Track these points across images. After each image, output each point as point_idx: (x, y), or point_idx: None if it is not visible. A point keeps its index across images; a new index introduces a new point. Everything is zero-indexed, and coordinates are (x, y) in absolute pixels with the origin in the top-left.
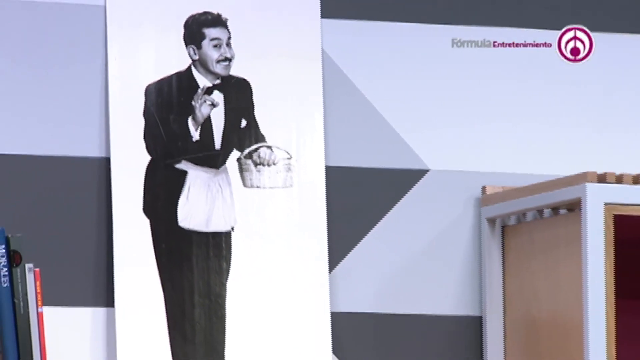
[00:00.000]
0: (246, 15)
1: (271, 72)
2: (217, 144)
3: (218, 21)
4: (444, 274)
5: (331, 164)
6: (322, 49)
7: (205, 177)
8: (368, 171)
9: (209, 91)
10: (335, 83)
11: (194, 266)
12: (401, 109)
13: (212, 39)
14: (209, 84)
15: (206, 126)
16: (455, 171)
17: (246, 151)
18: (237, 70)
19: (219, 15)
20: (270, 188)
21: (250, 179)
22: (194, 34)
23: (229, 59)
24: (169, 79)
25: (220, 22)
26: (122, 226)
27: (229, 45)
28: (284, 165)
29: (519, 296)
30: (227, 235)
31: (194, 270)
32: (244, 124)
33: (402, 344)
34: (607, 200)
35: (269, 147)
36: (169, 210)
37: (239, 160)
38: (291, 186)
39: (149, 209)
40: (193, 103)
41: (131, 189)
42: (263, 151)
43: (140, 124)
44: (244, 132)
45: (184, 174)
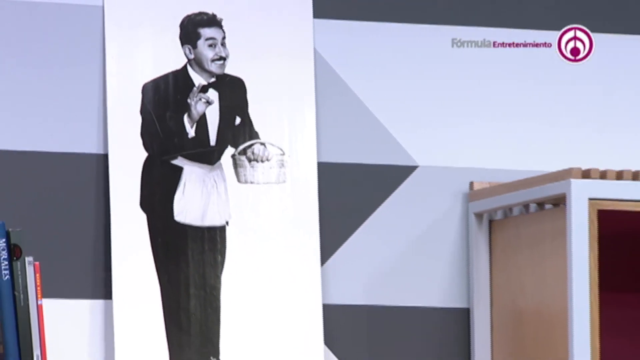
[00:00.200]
0: (240, 16)
1: (265, 71)
2: (212, 140)
3: (213, 21)
4: (433, 267)
5: (323, 160)
6: (314, 48)
7: (201, 172)
8: (359, 167)
9: (204, 89)
10: (327, 82)
11: (189, 259)
12: (391, 107)
13: (207, 39)
14: (204, 83)
15: (201, 123)
16: (443, 167)
17: (240, 148)
18: (231, 69)
19: (214, 16)
20: (263, 183)
21: (245, 175)
22: (189, 33)
23: (224, 58)
24: (165, 77)
25: (215, 22)
26: (120, 220)
27: (223, 44)
28: (277, 161)
29: (505, 289)
30: (221, 230)
31: (189, 263)
32: (238, 121)
33: (392, 335)
34: (591, 196)
35: (262, 144)
36: (165, 205)
37: (233, 156)
38: (284, 182)
39: (145, 204)
40: (189, 101)
41: (128, 185)
42: (257, 148)
43: (138, 121)
44: (238, 129)
45: (179, 169)
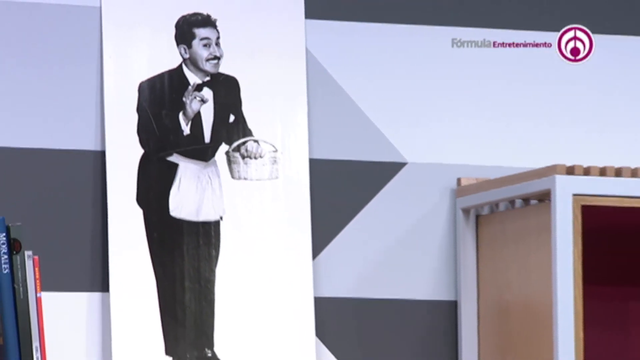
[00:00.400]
0: (234, 16)
1: (258, 70)
2: (207, 138)
3: (207, 21)
4: (421, 261)
5: (314, 156)
6: (306, 48)
7: (196, 169)
8: (349, 164)
9: (199, 88)
10: (319, 80)
11: (184, 253)
12: (381, 106)
13: (202, 39)
14: (199, 81)
15: (196, 121)
16: (431, 164)
17: (234, 145)
18: (225, 68)
19: (208, 16)
20: (257, 180)
21: (238, 171)
22: (184, 33)
23: (218, 58)
24: (161, 76)
25: (210, 23)
26: (117, 216)
27: (218, 44)
28: (269, 158)
29: (492, 282)
30: (216, 224)
31: (184, 257)
32: (232, 119)
33: (382, 327)
34: (575, 192)
35: (255, 141)
36: (161, 200)
37: (227, 153)
38: (277, 178)
39: (142, 200)
40: (184, 99)
41: (125, 181)
42: (250, 145)
43: (134, 119)
44: (232, 127)
45: (175, 166)
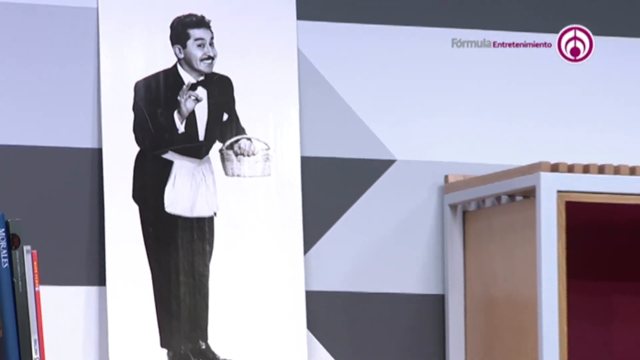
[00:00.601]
0: (228, 17)
1: (251, 69)
2: (201, 136)
3: (202, 22)
4: (410, 255)
5: (306, 154)
6: (297, 48)
7: (190, 166)
8: (340, 161)
9: (193, 87)
10: (310, 80)
11: (179, 248)
12: (371, 105)
13: (196, 39)
14: (194, 81)
15: (191, 119)
16: (420, 161)
17: (228, 142)
18: (219, 68)
19: (202, 17)
20: (249, 177)
21: (232, 168)
22: (179, 34)
23: (212, 58)
24: (156, 75)
25: (204, 24)
26: (113, 211)
27: (212, 44)
28: (262, 155)
29: (478, 276)
30: (210, 220)
31: (179, 252)
32: (225, 117)
33: (371, 319)
34: (559, 188)
35: (248, 139)
36: (156, 196)
37: (221, 151)
38: (269, 175)
39: (138, 196)
40: (179, 98)
41: (121, 178)
42: (243, 142)
43: (130, 117)
44: (225, 125)
45: (170, 163)
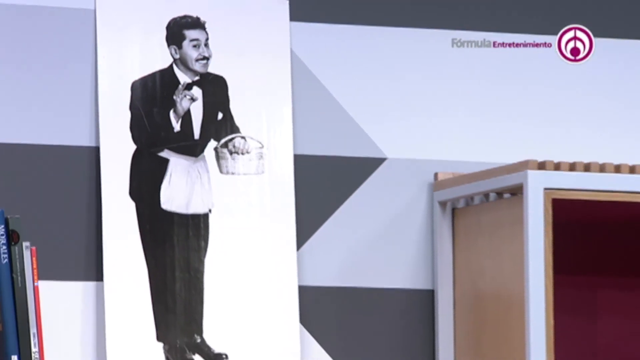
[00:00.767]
0: (222, 19)
1: (245, 69)
2: (196, 134)
3: (197, 23)
4: (400, 251)
5: (299, 152)
6: (290, 49)
7: (186, 164)
8: (332, 159)
9: (188, 87)
10: (303, 80)
11: (175, 244)
12: (362, 104)
13: (191, 40)
14: (189, 80)
15: (186, 118)
16: (410, 159)
17: (222, 141)
18: (214, 68)
19: (197, 18)
20: (244, 174)
21: (226, 166)
22: (175, 35)
23: (207, 58)
24: (152, 75)
25: (199, 25)
26: (110, 208)
27: (207, 45)
28: (256, 153)
29: (467, 272)
30: (205, 217)
31: (175, 248)
32: (220, 116)
33: (362, 314)
34: (546, 186)
35: (243, 137)
36: (152, 194)
37: (215, 149)
38: (263, 172)
39: (134, 193)
40: (174, 97)
41: (118, 175)
42: (237, 141)
43: (127, 116)
44: (220, 124)
45: (166, 161)
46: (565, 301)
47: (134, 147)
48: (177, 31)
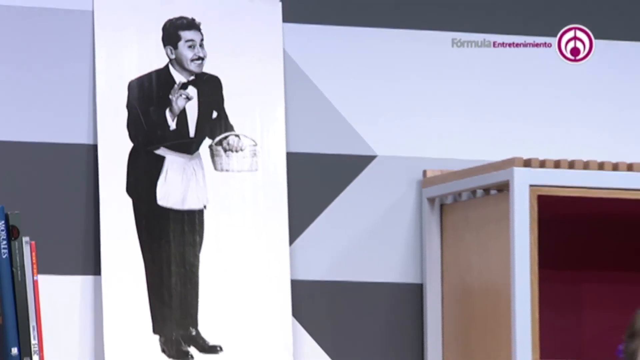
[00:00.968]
0: (217, 20)
1: (239, 69)
2: (192, 132)
3: (192, 25)
4: (390, 246)
5: (291, 150)
6: (283, 49)
7: (181, 161)
8: (324, 157)
9: (184, 86)
10: (295, 79)
11: (171, 240)
12: (353, 103)
13: (187, 41)
14: (184, 80)
15: (182, 117)
16: (400, 157)
17: (217, 139)
18: (209, 68)
19: (193, 20)
20: (238, 171)
21: (221, 163)
22: (171, 36)
23: (202, 58)
24: (149, 75)
25: (194, 26)
26: (108, 204)
27: (202, 46)
28: (249, 151)
29: (455, 266)
30: (200, 213)
31: (171, 243)
32: (215, 115)
33: (353, 307)
34: (531, 183)
35: (237, 136)
36: (149, 190)
37: (210, 147)
38: (256, 170)
39: (131, 190)
40: (170, 97)
41: (116, 172)
42: (232, 139)
43: (124, 115)
44: (215, 122)
45: (162, 159)
46: (550, 295)
47: (130, 145)
48: (173, 32)
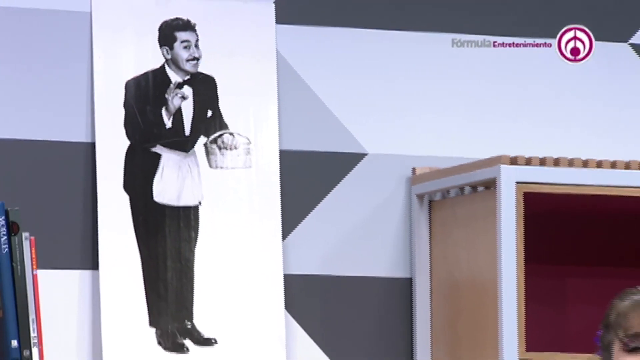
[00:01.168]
0: (212, 21)
1: (233, 69)
2: (187, 131)
3: (188, 26)
4: (380, 241)
5: (284, 148)
6: (276, 50)
7: (177, 159)
8: (316, 154)
9: (180, 86)
10: (288, 79)
11: (167, 235)
12: (344, 102)
13: (182, 41)
14: (180, 80)
15: (177, 116)
16: (389, 154)
17: (212, 137)
18: (204, 68)
19: (188, 21)
20: (232, 168)
21: (215, 161)
22: (167, 36)
23: (197, 59)
24: (145, 75)
25: (190, 27)
26: (106, 201)
27: (197, 46)
28: (244, 149)
29: (443, 261)
30: (195, 209)
31: (166, 238)
32: (209, 114)
33: (345, 300)
34: (518, 180)
35: (231, 134)
36: (145, 187)
37: (205, 144)
38: (250, 167)
39: (128, 186)
40: (166, 96)
41: (113, 169)
42: (226, 137)
43: (121, 113)
44: (209, 121)
45: (158, 156)
46: (536, 289)
47: (127, 142)
48: (169, 33)
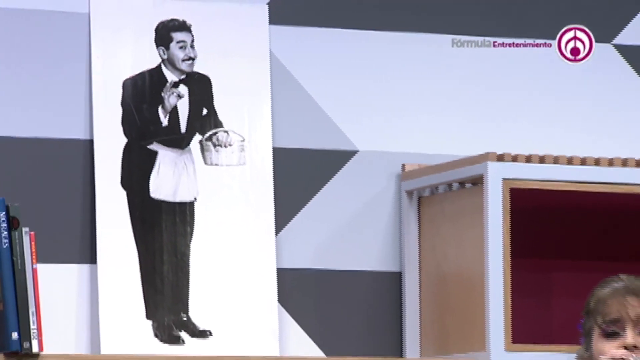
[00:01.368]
0: (207, 22)
1: (228, 69)
2: (183, 128)
3: (183, 26)
4: (370, 236)
5: (277, 145)
6: (269, 50)
7: (173, 156)
8: (308, 151)
9: (176, 85)
10: (281, 78)
11: (163, 230)
12: (335, 101)
13: (178, 42)
14: (176, 79)
15: (173, 114)
16: (380, 151)
17: (207, 134)
18: (199, 68)
19: (184, 22)
20: (226, 165)
21: (210, 158)
22: (163, 37)
23: (193, 58)
24: (142, 74)
25: (185, 27)
26: (103, 197)
27: (192, 46)
28: (238, 146)
29: (432, 255)
30: (190, 205)
31: (163, 233)
32: (205, 112)
33: (336, 294)
34: (504, 176)
35: (225, 131)
36: (142, 183)
37: (200, 142)
38: (244, 164)
39: (125, 183)
40: (163, 95)
41: (111, 166)
42: (221, 135)
43: (119, 112)
44: (205, 119)
45: (155, 153)
46: (522, 283)
47: (125, 140)
48: (165, 33)
